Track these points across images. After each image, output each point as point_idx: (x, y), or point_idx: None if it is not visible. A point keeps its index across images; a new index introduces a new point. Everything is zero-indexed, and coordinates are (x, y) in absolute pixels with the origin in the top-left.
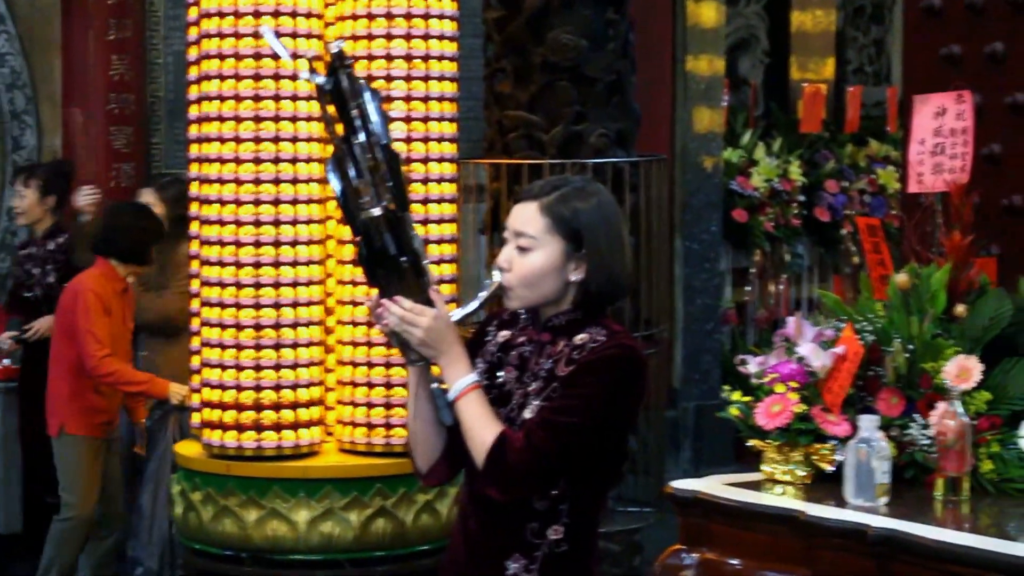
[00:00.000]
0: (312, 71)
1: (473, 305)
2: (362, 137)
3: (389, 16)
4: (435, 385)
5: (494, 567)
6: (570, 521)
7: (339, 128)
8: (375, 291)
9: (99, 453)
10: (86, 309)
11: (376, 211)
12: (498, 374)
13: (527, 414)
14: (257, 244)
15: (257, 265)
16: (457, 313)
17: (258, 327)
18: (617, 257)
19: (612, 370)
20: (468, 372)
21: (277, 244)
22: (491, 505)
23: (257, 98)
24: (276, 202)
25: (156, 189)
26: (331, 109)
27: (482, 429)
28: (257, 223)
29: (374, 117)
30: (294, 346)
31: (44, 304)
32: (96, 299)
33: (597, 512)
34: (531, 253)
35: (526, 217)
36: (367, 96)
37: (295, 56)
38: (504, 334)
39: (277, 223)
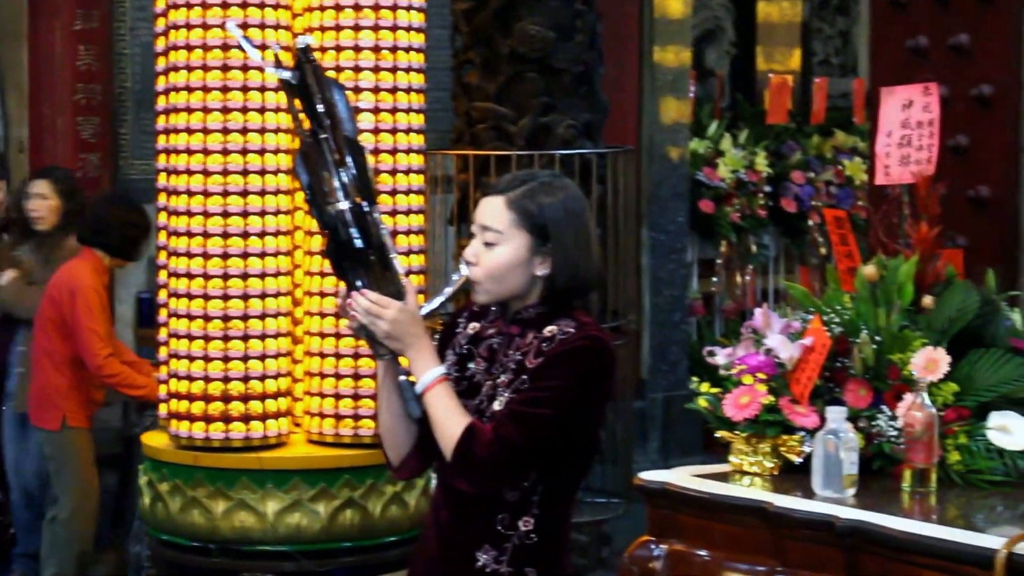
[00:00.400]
0: (278, 65)
1: (440, 299)
2: (328, 132)
3: (357, 7)
4: (403, 378)
5: (465, 558)
6: (540, 512)
7: (305, 123)
8: (343, 284)
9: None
10: (88, 307)
11: (342, 205)
12: (468, 365)
13: (496, 406)
14: (225, 235)
15: (225, 256)
16: (425, 307)
17: (226, 318)
18: (583, 252)
19: (580, 361)
20: (435, 364)
21: (245, 235)
22: (462, 496)
23: (225, 89)
24: (244, 193)
25: (51, 181)
26: (297, 103)
27: (450, 422)
28: (225, 214)
29: (341, 112)
30: (262, 337)
31: None
32: (97, 296)
33: (568, 503)
34: (497, 247)
35: (492, 211)
36: (334, 91)
37: (262, 48)
38: (474, 326)
39: (245, 214)
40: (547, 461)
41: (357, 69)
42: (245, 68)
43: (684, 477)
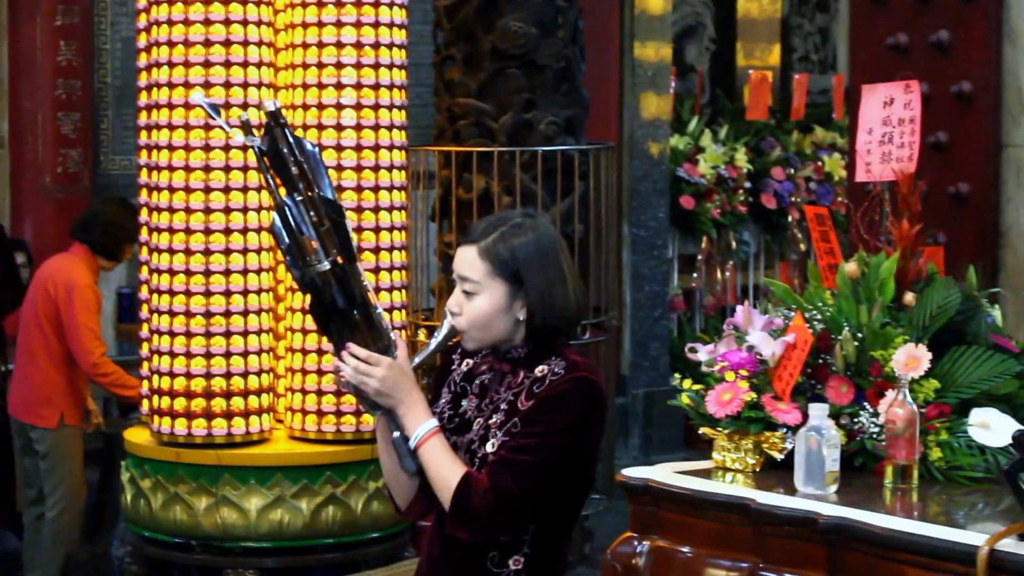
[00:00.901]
0: (249, 134)
1: (428, 351)
2: (303, 193)
3: (339, 3)
4: (396, 434)
5: None
6: (531, 551)
7: (280, 188)
8: (330, 343)
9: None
10: (85, 304)
11: (324, 266)
12: (462, 403)
13: (489, 448)
14: (207, 231)
15: (207, 253)
16: (414, 360)
17: (208, 315)
18: (558, 289)
19: (569, 405)
20: (428, 418)
21: (227, 231)
22: (454, 537)
23: (207, 85)
24: (226, 190)
25: None
26: (267, 167)
27: (445, 473)
28: (207, 210)
29: (315, 171)
30: (244, 334)
31: None
32: (92, 294)
33: (561, 541)
34: (476, 297)
35: (468, 262)
36: (306, 150)
37: (226, 106)
38: (468, 362)
39: (227, 210)
40: (542, 504)
41: (339, 66)
42: (227, 64)
43: (666, 474)
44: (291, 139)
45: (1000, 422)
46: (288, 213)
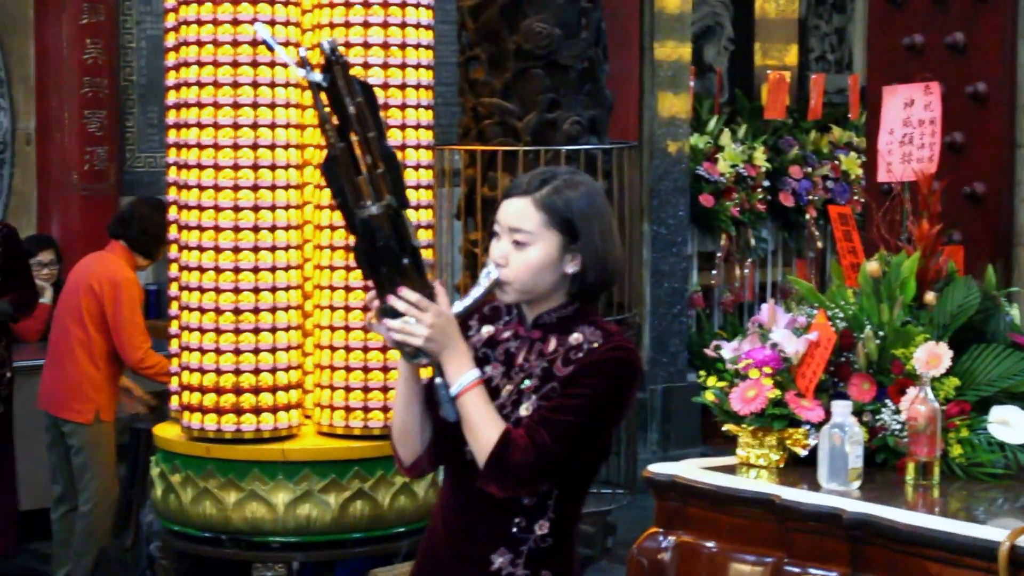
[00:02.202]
0: (308, 67)
1: (469, 300)
2: (359, 134)
3: (366, 4)
4: (438, 380)
5: (479, 560)
6: (555, 516)
7: (335, 126)
8: (374, 288)
9: None
10: (131, 300)
11: (378, 208)
12: (484, 369)
13: (523, 411)
14: (236, 229)
15: (236, 250)
16: (456, 307)
17: (237, 311)
18: (610, 246)
19: (613, 372)
20: (471, 367)
21: (256, 229)
22: (477, 500)
23: (236, 84)
24: (255, 187)
25: None
26: (326, 106)
27: (485, 426)
28: (236, 208)
29: (370, 113)
30: (273, 330)
31: None
32: (137, 289)
33: (578, 506)
34: (529, 248)
35: (521, 212)
36: (362, 92)
37: (286, 44)
38: (488, 329)
39: (256, 208)
40: (570, 468)
41: (366, 65)
42: (255, 64)
43: (692, 469)
44: (349, 79)
45: (1019, 419)
46: (343, 154)
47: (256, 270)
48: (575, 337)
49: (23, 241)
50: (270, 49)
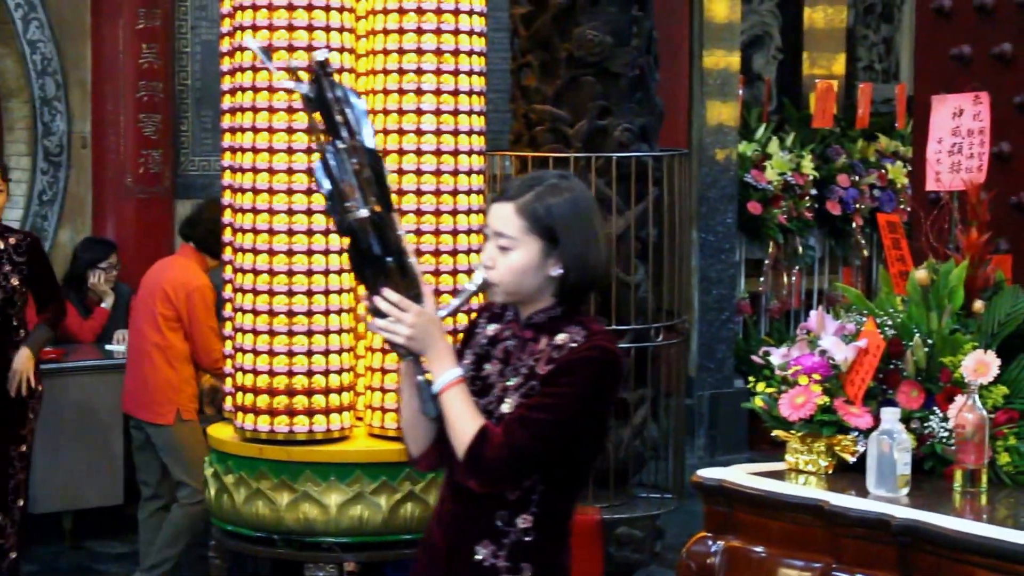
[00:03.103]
0: (297, 80)
1: (457, 302)
2: (346, 142)
3: (420, 11)
4: (420, 378)
5: (466, 551)
6: (539, 511)
7: (323, 134)
8: (364, 288)
9: None
10: (205, 305)
11: (362, 213)
12: (484, 366)
13: (505, 408)
14: (290, 232)
15: (290, 253)
16: (442, 309)
17: (291, 313)
18: (592, 248)
19: (589, 371)
20: (452, 366)
21: (309, 232)
22: (465, 493)
23: (290, 90)
24: (309, 191)
25: None
26: (316, 116)
27: (464, 422)
28: (290, 211)
29: (358, 122)
30: (326, 332)
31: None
32: (211, 293)
33: (568, 504)
34: (511, 252)
35: (504, 218)
36: (351, 101)
37: (282, 52)
38: (493, 327)
39: (309, 212)
40: (550, 464)
41: (419, 72)
42: (311, 70)
43: (741, 475)
44: (337, 88)
45: None
46: (330, 159)
47: (310, 273)
48: (561, 337)
49: (81, 244)
50: (261, 59)
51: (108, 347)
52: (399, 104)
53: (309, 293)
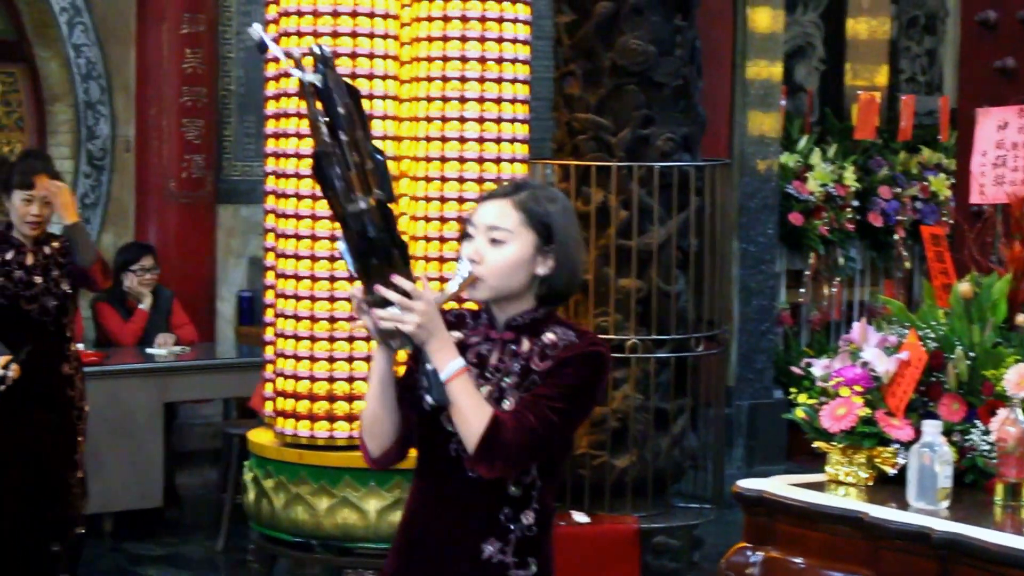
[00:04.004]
0: (301, 69)
1: (448, 292)
2: (349, 134)
3: (464, 19)
4: (429, 366)
5: (469, 550)
6: (539, 507)
7: (325, 124)
8: (361, 279)
9: None
10: None
11: (368, 202)
12: None
13: (506, 406)
14: (332, 238)
15: (332, 259)
16: (436, 298)
17: (332, 319)
18: (579, 254)
19: (590, 365)
20: (457, 355)
21: None
22: (464, 493)
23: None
24: None
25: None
26: (319, 106)
27: (476, 409)
28: (333, 217)
29: (360, 115)
30: (367, 339)
31: (50, 319)
32: None
33: (554, 500)
34: (506, 245)
35: (499, 211)
36: (353, 94)
37: (288, 55)
38: (455, 334)
39: None
40: (551, 455)
41: (463, 79)
42: (353, 76)
43: (781, 486)
44: (340, 80)
45: None
46: (334, 151)
47: (352, 279)
48: (548, 337)
49: (119, 248)
50: (263, 49)
51: (149, 350)
52: (442, 111)
53: (351, 298)
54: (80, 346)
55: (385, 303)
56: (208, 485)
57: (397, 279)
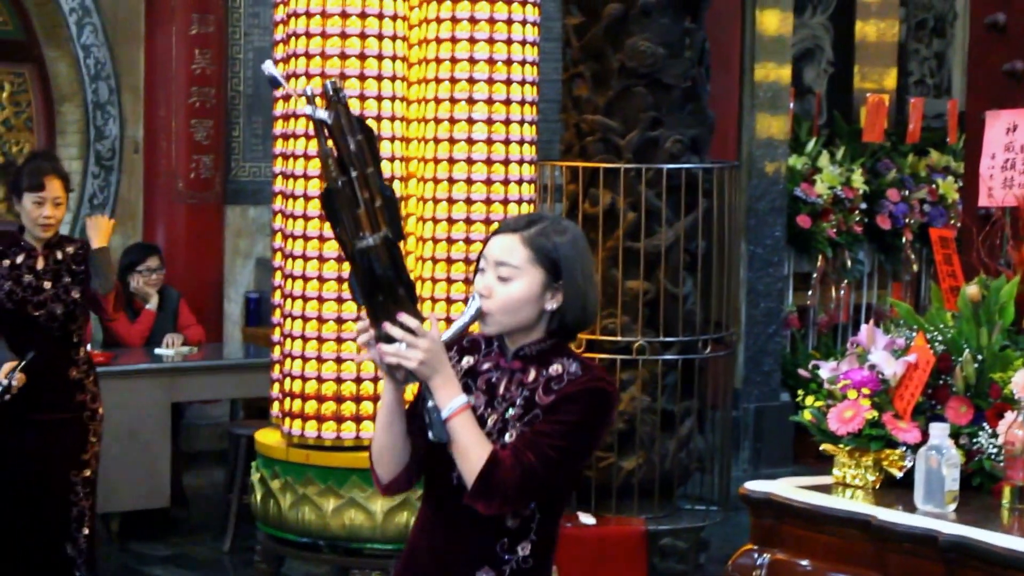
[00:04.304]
0: (313, 106)
1: (457, 327)
2: (360, 169)
3: (473, 20)
4: (431, 403)
5: None
6: (537, 538)
7: (336, 161)
8: (367, 314)
9: None
10: None
11: (376, 239)
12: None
13: (508, 439)
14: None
15: (340, 259)
16: (444, 335)
17: (340, 320)
18: (590, 288)
19: (592, 402)
20: (460, 393)
21: None
22: (465, 522)
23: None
24: None
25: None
26: (329, 143)
27: (475, 447)
28: None
29: (371, 151)
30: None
31: (57, 324)
32: None
33: (556, 529)
34: (513, 282)
35: (508, 248)
36: (364, 130)
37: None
38: (468, 360)
39: None
40: (552, 490)
41: (471, 81)
42: (362, 77)
43: (788, 488)
44: (351, 117)
45: None
46: (344, 188)
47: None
48: (555, 368)
49: (125, 249)
50: (277, 86)
51: (157, 351)
52: (451, 113)
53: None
54: (88, 347)
55: (391, 339)
56: (215, 485)
57: (403, 316)
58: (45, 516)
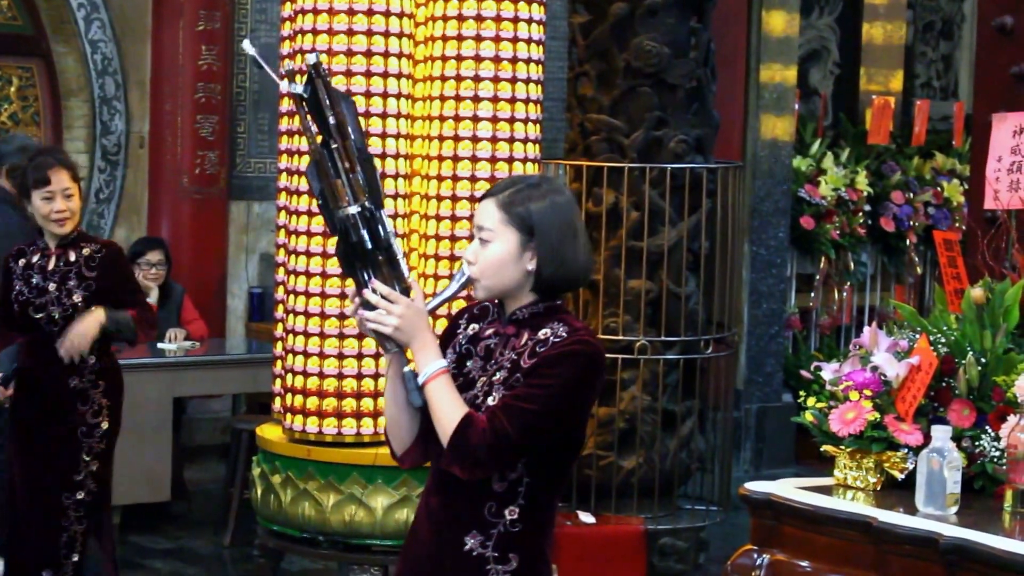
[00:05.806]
0: (291, 82)
1: (443, 296)
2: (338, 141)
3: (479, 18)
4: (406, 369)
5: (454, 541)
6: (525, 503)
7: (316, 135)
8: (352, 284)
9: None
10: None
11: (352, 209)
12: (467, 364)
13: (490, 401)
14: None
15: None
16: (430, 303)
17: (342, 316)
18: (568, 246)
19: (571, 364)
20: (438, 358)
21: None
22: (453, 485)
23: (348, 93)
24: None
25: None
26: (309, 117)
27: (448, 410)
28: None
29: (350, 123)
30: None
31: (57, 328)
32: None
33: (551, 496)
34: (490, 245)
35: (485, 213)
36: (343, 103)
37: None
38: (474, 327)
39: None
40: (534, 454)
41: (477, 79)
42: (368, 74)
43: (788, 489)
44: (330, 90)
45: None
46: (323, 159)
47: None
48: (544, 332)
49: (133, 244)
50: (258, 66)
51: (160, 345)
52: (456, 111)
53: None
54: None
55: (371, 306)
56: (216, 480)
57: (377, 284)
58: (31, 541)
